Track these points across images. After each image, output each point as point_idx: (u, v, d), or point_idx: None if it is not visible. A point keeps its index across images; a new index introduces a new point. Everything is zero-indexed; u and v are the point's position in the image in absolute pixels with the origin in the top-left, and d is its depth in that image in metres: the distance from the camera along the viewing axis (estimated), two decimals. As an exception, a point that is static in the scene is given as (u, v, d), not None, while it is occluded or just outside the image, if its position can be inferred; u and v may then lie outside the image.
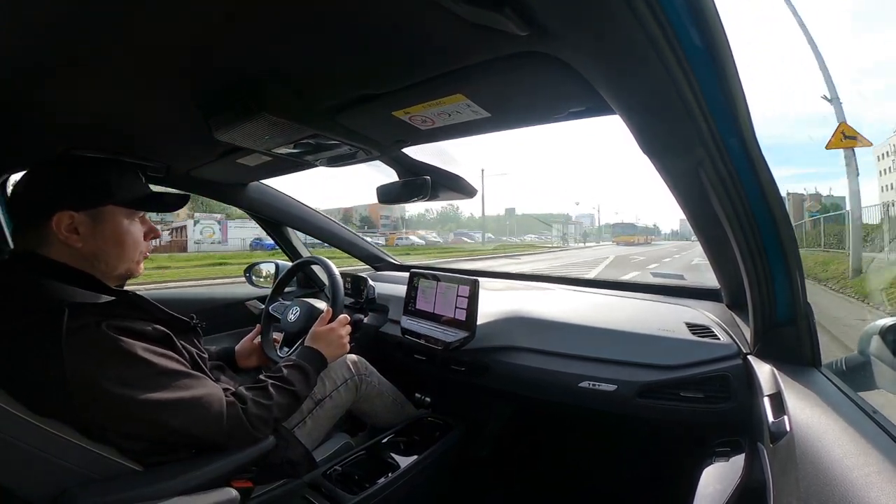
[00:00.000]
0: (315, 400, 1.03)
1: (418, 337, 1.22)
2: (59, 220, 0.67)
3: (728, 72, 0.50)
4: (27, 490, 0.58)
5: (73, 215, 0.68)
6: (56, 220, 0.67)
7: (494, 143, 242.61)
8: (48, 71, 0.60)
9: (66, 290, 0.66)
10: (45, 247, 0.68)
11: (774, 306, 0.73)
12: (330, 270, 1.24)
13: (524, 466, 1.45)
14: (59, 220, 0.67)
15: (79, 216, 0.69)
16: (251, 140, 0.79)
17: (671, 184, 0.74)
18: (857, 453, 0.45)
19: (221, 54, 0.58)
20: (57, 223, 0.67)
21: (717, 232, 0.77)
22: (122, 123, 0.82)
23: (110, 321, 0.65)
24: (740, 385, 0.85)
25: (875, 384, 0.71)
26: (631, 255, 19.42)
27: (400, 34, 0.53)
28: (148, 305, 0.74)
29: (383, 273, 1.87)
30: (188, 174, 1.21)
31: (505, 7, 0.42)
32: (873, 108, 59.91)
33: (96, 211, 0.71)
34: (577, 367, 1.02)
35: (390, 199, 1.13)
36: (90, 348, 0.62)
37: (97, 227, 0.71)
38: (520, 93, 0.66)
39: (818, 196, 12.13)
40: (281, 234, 1.73)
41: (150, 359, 0.66)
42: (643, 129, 0.64)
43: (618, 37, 0.46)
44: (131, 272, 0.78)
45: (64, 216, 0.68)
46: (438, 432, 1.19)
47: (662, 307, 1.14)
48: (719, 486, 0.68)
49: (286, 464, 0.87)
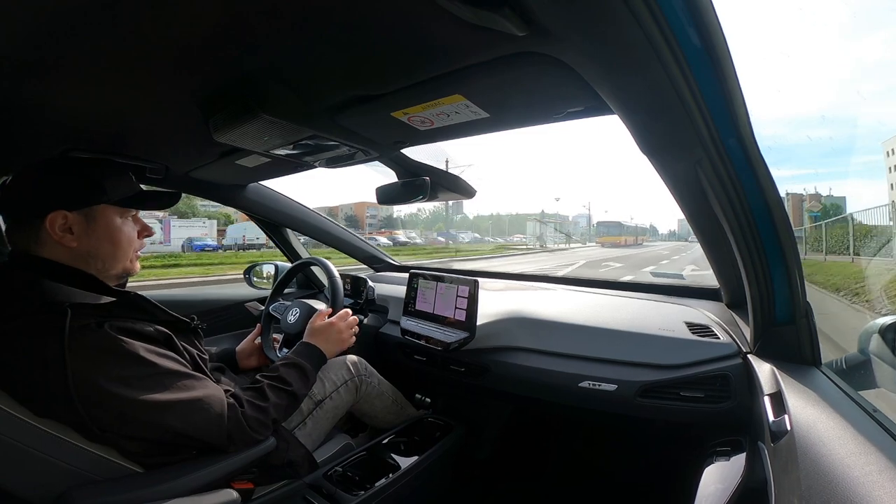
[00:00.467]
0: (315, 401, 1.03)
1: (418, 338, 1.22)
2: (53, 220, 0.68)
3: (726, 72, 0.50)
4: (27, 491, 0.58)
5: (66, 215, 0.68)
6: (50, 220, 0.67)
7: (494, 142, 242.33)
8: (47, 71, 0.60)
9: (67, 290, 0.66)
10: (40, 247, 0.69)
11: (774, 305, 0.73)
12: (329, 271, 1.24)
13: (524, 467, 1.45)
14: (52, 221, 0.67)
15: (72, 216, 0.69)
16: (250, 141, 0.79)
17: (670, 184, 0.74)
18: (858, 452, 0.45)
19: (221, 55, 0.58)
20: (51, 223, 0.67)
21: (716, 231, 0.77)
22: (121, 124, 0.82)
23: (112, 322, 0.65)
24: (740, 384, 0.85)
25: (875, 383, 0.71)
26: (606, 260, 16.27)
27: (399, 35, 0.53)
28: (149, 306, 0.74)
29: (383, 274, 1.87)
30: (187, 175, 1.21)
31: (504, 7, 0.42)
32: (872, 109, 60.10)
33: (89, 210, 0.71)
34: (578, 367, 1.02)
35: (390, 199, 1.13)
36: (92, 349, 0.62)
37: (91, 227, 0.71)
38: (519, 93, 0.66)
39: (818, 196, 12.06)
40: (280, 236, 1.73)
41: (151, 359, 0.66)
42: (642, 129, 0.64)
43: (616, 37, 0.46)
44: (128, 270, 0.78)
45: (57, 216, 0.68)
46: (439, 433, 1.19)
47: (662, 307, 1.14)
48: (720, 486, 0.68)
49: (287, 465, 0.86)
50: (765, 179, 0.62)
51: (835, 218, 7.94)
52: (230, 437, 0.71)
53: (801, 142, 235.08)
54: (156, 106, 0.74)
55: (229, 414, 0.71)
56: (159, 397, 0.64)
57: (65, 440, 0.60)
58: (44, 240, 0.68)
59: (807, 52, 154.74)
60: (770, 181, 0.62)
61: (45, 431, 0.59)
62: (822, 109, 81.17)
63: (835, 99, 49.23)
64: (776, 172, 0.60)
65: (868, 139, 24.88)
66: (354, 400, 1.12)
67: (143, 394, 0.63)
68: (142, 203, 0.80)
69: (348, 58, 0.59)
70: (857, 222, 5.99)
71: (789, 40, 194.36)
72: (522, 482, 1.40)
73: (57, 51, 0.55)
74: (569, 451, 1.47)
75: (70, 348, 0.59)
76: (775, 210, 0.64)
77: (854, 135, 32.80)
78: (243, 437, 0.73)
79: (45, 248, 0.68)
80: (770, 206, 0.64)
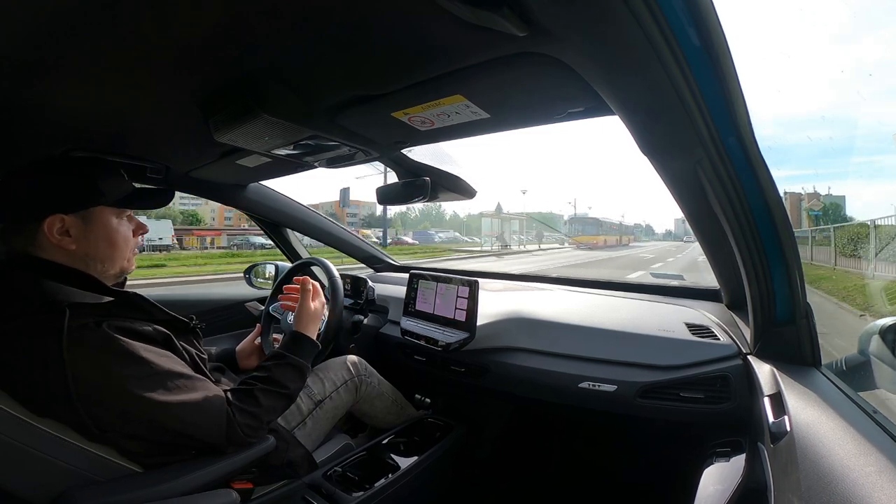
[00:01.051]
0: (315, 401, 1.02)
1: (418, 338, 1.22)
2: (51, 224, 0.67)
3: (726, 71, 0.50)
4: (27, 491, 0.58)
5: (63, 218, 0.68)
6: (48, 224, 0.67)
7: (493, 142, 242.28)
8: (47, 71, 0.60)
9: (66, 290, 0.66)
10: (38, 250, 0.68)
11: (774, 306, 0.73)
12: (329, 271, 1.24)
13: (524, 467, 1.45)
14: (50, 224, 0.67)
15: (69, 219, 0.69)
16: (250, 141, 0.79)
17: (670, 184, 0.74)
18: (858, 453, 0.45)
19: (221, 55, 0.58)
20: (49, 227, 0.67)
21: (716, 232, 0.77)
22: (121, 124, 0.82)
23: (111, 321, 0.65)
24: (740, 385, 0.84)
25: (875, 384, 0.71)
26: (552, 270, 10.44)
27: (399, 35, 0.53)
28: (148, 306, 0.74)
29: (383, 274, 1.87)
30: (187, 175, 1.21)
31: (503, 7, 0.42)
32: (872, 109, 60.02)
33: (86, 212, 0.71)
34: (577, 368, 1.02)
35: (390, 200, 1.13)
36: (91, 348, 0.62)
37: (88, 229, 0.71)
38: (519, 93, 0.66)
39: (816, 195, 11.97)
40: (280, 236, 1.73)
41: (150, 359, 0.66)
42: (642, 129, 0.64)
43: (616, 37, 0.46)
44: (125, 270, 0.78)
45: (55, 220, 0.68)
46: (438, 433, 1.19)
47: (662, 307, 1.14)
48: (720, 487, 0.68)
49: (286, 465, 0.86)
50: (765, 179, 0.62)
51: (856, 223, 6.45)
52: (228, 438, 0.71)
53: (802, 142, 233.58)
54: (156, 106, 0.74)
55: (228, 415, 0.71)
56: (158, 397, 0.64)
57: (64, 440, 0.60)
58: (42, 243, 0.68)
59: (807, 53, 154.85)
60: (770, 181, 0.62)
61: (45, 431, 0.59)
62: (823, 109, 78.83)
63: (835, 99, 48.11)
64: (776, 173, 0.60)
65: (867, 139, 24.65)
66: (354, 400, 1.12)
67: (142, 393, 0.63)
68: (137, 202, 0.80)
69: (348, 58, 0.59)
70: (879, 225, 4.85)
71: (789, 40, 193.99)
72: (523, 482, 1.40)
73: (57, 51, 0.55)
74: (569, 451, 1.47)
75: (69, 348, 0.59)
76: (775, 210, 0.64)
77: (853, 135, 32.77)
78: (240, 440, 0.73)
79: (43, 250, 0.68)
80: (770, 206, 0.64)
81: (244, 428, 0.73)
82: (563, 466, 1.44)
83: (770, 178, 0.62)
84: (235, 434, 0.72)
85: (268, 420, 0.78)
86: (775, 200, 0.64)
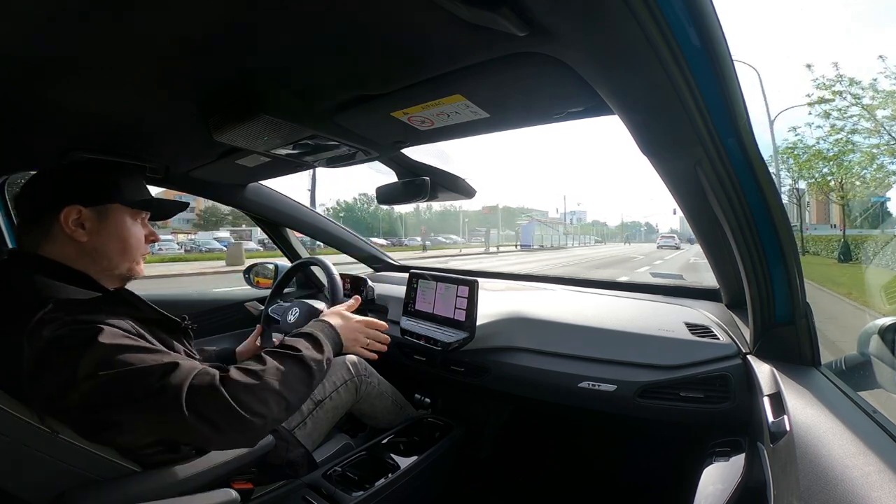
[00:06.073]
0: (315, 401, 1.02)
1: (418, 338, 1.22)
2: (68, 214, 0.68)
3: (726, 71, 0.50)
4: (26, 492, 0.58)
5: (80, 210, 0.69)
6: (64, 214, 0.68)
7: (492, 141, 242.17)
8: (46, 71, 0.60)
9: (58, 286, 0.66)
10: (49, 241, 0.69)
11: (773, 306, 0.73)
12: (329, 271, 1.24)
13: (524, 467, 1.45)
14: (67, 214, 0.68)
15: (86, 211, 0.70)
16: (250, 141, 0.79)
17: (670, 183, 0.74)
18: (857, 453, 0.45)
19: (221, 55, 0.58)
20: (65, 217, 0.68)
21: (715, 231, 0.77)
22: (121, 124, 0.82)
23: (94, 316, 0.62)
24: (740, 385, 0.85)
25: (875, 384, 0.71)
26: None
27: (399, 35, 0.53)
28: (139, 303, 0.73)
29: (382, 274, 1.87)
30: (187, 175, 1.21)
31: (503, 7, 0.42)
32: (872, 108, 58.93)
33: (103, 208, 0.72)
34: (577, 368, 1.02)
35: (390, 199, 1.13)
36: (70, 343, 0.59)
37: (102, 224, 0.72)
38: (519, 93, 0.66)
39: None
40: (280, 235, 1.73)
41: (124, 357, 0.60)
42: (641, 129, 0.64)
43: (616, 37, 0.46)
44: (132, 272, 0.78)
45: (72, 210, 0.69)
46: (438, 433, 1.19)
47: (662, 307, 1.14)
48: (720, 486, 0.68)
49: (286, 464, 0.86)
50: (764, 180, 0.62)
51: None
52: (214, 425, 0.58)
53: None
54: (156, 106, 0.75)
55: (193, 382, 0.59)
56: (137, 393, 0.59)
57: (62, 439, 0.60)
58: (55, 234, 0.69)
59: (807, 52, 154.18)
60: (770, 181, 0.62)
61: (43, 430, 0.59)
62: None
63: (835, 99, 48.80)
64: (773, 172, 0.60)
65: (868, 140, 24.10)
66: (354, 400, 1.12)
67: (106, 390, 0.58)
68: (153, 208, 0.80)
69: (348, 58, 0.59)
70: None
71: (789, 40, 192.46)
72: (522, 482, 1.40)
73: (57, 51, 0.55)
74: (569, 451, 1.47)
75: (50, 344, 0.58)
76: (775, 210, 0.64)
77: (854, 135, 32.09)
78: (226, 418, 0.59)
79: (55, 243, 0.69)
80: (770, 206, 0.64)
81: (241, 393, 0.60)
82: (562, 466, 1.44)
83: (770, 179, 0.62)
84: (221, 408, 0.59)
85: (275, 389, 0.64)
86: (775, 200, 0.64)
